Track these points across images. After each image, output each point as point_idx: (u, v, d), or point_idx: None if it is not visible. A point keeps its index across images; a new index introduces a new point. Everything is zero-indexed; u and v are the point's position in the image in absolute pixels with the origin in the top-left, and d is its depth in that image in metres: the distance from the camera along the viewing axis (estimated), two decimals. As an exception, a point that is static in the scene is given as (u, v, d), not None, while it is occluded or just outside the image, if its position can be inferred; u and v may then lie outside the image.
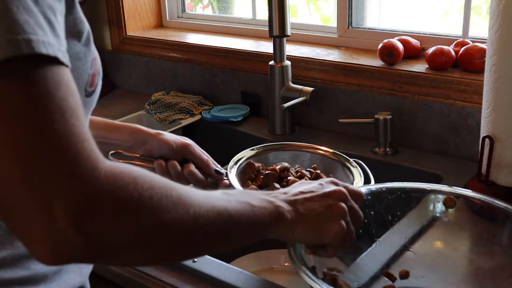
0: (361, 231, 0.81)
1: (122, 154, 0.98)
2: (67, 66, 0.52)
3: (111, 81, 1.85)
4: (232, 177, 1.00)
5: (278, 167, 1.04)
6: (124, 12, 1.76)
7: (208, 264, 0.88)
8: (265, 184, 1.00)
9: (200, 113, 1.52)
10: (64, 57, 0.52)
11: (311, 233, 0.69)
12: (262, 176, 1.01)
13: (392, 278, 0.82)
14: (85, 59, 0.65)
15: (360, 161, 1.06)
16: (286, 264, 1.12)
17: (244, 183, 1.02)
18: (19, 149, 0.48)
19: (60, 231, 0.48)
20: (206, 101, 1.58)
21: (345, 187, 0.74)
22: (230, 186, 0.99)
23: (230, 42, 1.61)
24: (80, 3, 1.92)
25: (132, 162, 0.98)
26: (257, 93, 1.52)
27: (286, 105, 1.30)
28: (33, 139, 0.48)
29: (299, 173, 1.03)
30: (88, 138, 0.51)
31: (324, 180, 0.75)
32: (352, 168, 1.03)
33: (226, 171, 1.02)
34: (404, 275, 0.83)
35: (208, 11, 1.92)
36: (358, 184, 0.98)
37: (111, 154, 0.98)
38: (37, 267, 0.68)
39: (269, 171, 1.00)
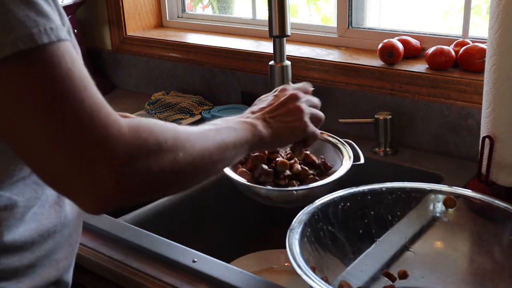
0: (361, 231, 0.81)
1: None
2: (69, 40, 0.57)
3: (111, 81, 1.85)
4: None
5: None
6: (124, 12, 1.76)
7: (208, 264, 0.88)
8: (254, 167, 1.01)
9: (200, 113, 1.52)
10: (63, 33, 0.56)
11: (285, 137, 0.84)
12: (250, 159, 1.02)
13: (392, 278, 0.82)
14: None
15: (350, 141, 1.09)
16: (286, 264, 1.12)
17: (235, 166, 1.03)
18: (49, 121, 0.53)
19: (102, 179, 0.54)
20: (206, 101, 1.58)
21: (295, 89, 0.89)
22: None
23: (230, 42, 1.61)
24: (80, 3, 1.91)
25: None
26: (257, 93, 1.51)
27: (286, 105, 1.30)
28: (62, 111, 0.53)
29: (289, 155, 1.04)
30: (104, 101, 0.57)
31: (277, 90, 0.91)
32: (341, 148, 1.08)
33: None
34: (402, 275, 0.83)
35: (208, 11, 1.92)
36: (347, 162, 1.03)
37: None
38: (7, 261, 0.69)
39: (257, 153, 1.02)
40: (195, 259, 0.89)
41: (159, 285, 0.87)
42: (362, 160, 1.03)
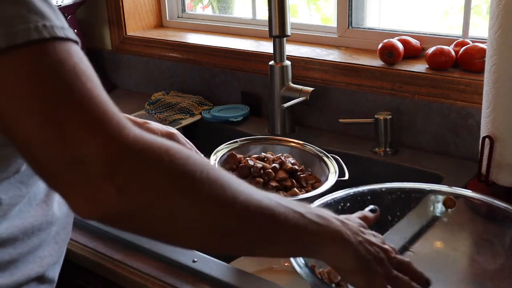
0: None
1: None
2: (76, 42, 0.56)
3: (111, 81, 1.85)
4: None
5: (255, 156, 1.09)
6: (124, 12, 1.76)
7: (208, 264, 0.88)
8: (241, 177, 1.03)
9: (200, 113, 1.52)
10: (72, 35, 0.55)
11: (354, 273, 0.65)
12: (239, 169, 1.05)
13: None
14: None
15: (337, 156, 1.10)
16: (286, 264, 1.12)
17: None
18: (46, 112, 0.51)
19: (93, 180, 0.51)
20: (206, 101, 1.58)
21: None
22: None
23: (230, 42, 1.61)
24: (80, 3, 1.91)
25: None
26: (257, 93, 1.52)
27: (286, 105, 1.30)
28: (59, 103, 0.51)
29: (279, 160, 1.06)
30: (110, 100, 0.54)
31: (371, 232, 0.71)
32: (328, 162, 1.08)
33: (208, 160, 1.04)
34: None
35: (208, 11, 1.92)
36: (332, 177, 1.03)
37: None
38: None
39: (243, 164, 1.04)
40: (195, 259, 0.89)
41: (159, 285, 0.87)
42: (346, 176, 1.05)
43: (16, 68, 0.51)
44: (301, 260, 0.71)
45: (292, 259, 0.70)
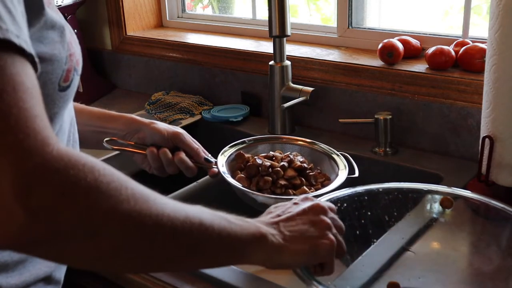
0: (358, 232, 0.81)
1: (116, 141, 1.02)
2: (26, 50, 0.52)
3: (111, 81, 1.85)
4: (221, 165, 1.03)
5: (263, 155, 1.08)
6: (124, 12, 1.76)
7: (207, 264, 0.88)
8: (249, 176, 1.02)
9: (200, 113, 1.52)
10: (21, 41, 0.51)
11: (304, 255, 0.66)
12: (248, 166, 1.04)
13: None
14: (59, 56, 0.66)
15: (346, 154, 1.09)
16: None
17: (233, 172, 1.03)
18: None
19: (6, 205, 0.45)
20: (206, 101, 1.58)
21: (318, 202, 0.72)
22: (218, 174, 1.02)
23: (230, 42, 1.61)
24: (80, 3, 1.91)
25: (126, 148, 1.02)
26: (257, 93, 1.52)
27: (286, 105, 1.30)
28: None
29: (288, 159, 1.05)
30: (41, 115, 0.49)
31: (298, 198, 0.74)
32: (337, 160, 1.07)
33: (215, 160, 1.05)
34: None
35: (208, 11, 1.92)
36: (343, 174, 1.02)
37: (106, 140, 1.01)
38: None
39: (251, 163, 1.03)
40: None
41: (159, 285, 0.87)
42: (356, 173, 1.04)
43: None
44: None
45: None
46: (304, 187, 1.01)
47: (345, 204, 0.86)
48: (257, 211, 1.02)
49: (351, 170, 1.05)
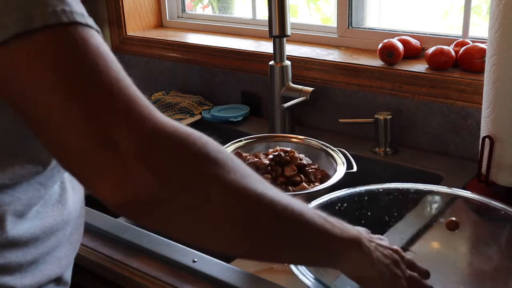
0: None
1: None
2: (97, 30, 0.55)
3: (111, 81, 1.84)
4: None
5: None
6: (124, 12, 1.76)
7: (208, 264, 0.88)
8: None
9: (200, 113, 1.52)
10: (92, 23, 0.54)
11: (380, 280, 0.64)
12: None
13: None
14: None
15: (343, 150, 1.09)
16: (286, 264, 1.12)
17: None
18: (73, 92, 0.49)
19: (125, 162, 0.48)
20: (206, 101, 1.58)
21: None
22: None
23: (230, 42, 1.61)
24: (81, 3, 1.91)
25: None
26: (257, 93, 1.52)
27: (286, 105, 1.30)
28: (86, 83, 0.50)
29: (287, 156, 1.05)
30: (137, 88, 0.54)
31: (400, 255, 0.69)
32: (335, 156, 1.08)
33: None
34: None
35: (208, 11, 1.92)
36: (341, 169, 1.02)
37: None
38: (12, 256, 0.69)
39: (249, 162, 1.03)
40: (195, 259, 0.89)
41: (159, 285, 0.87)
42: (355, 168, 1.04)
43: (37, 50, 0.50)
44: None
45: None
46: (304, 183, 1.01)
47: (345, 204, 0.86)
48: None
49: (349, 166, 1.05)
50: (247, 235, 0.54)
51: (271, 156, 1.04)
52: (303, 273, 0.69)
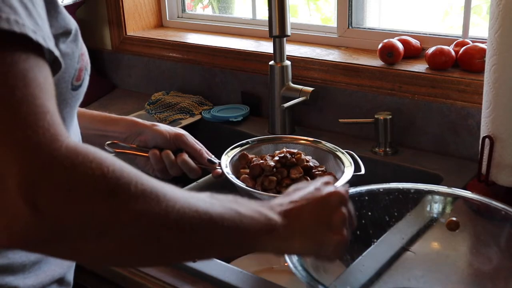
0: (358, 232, 0.81)
1: (118, 145, 1.01)
2: (43, 46, 0.52)
3: (111, 81, 1.85)
4: (225, 166, 1.03)
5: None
6: (124, 12, 1.76)
7: (208, 264, 0.88)
8: (253, 176, 1.02)
9: (200, 113, 1.52)
10: (37, 37, 0.51)
11: (311, 247, 0.65)
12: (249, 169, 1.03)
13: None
14: (72, 55, 0.67)
15: (352, 152, 1.07)
16: (286, 264, 1.12)
17: (238, 173, 1.04)
18: None
19: (12, 204, 0.45)
20: (206, 101, 1.58)
21: (341, 188, 0.69)
22: (222, 175, 1.02)
23: (230, 42, 1.61)
24: (80, 3, 1.91)
25: (128, 151, 1.02)
26: (257, 93, 1.52)
27: (286, 105, 1.30)
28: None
29: (294, 158, 1.04)
30: (53, 111, 0.49)
31: (319, 181, 0.70)
32: (342, 158, 1.06)
33: (219, 160, 1.05)
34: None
35: (208, 11, 1.92)
36: (349, 171, 1.01)
37: (107, 144, 1.01)
38: (15, 256, 0.69)
39: (255, 163, 1.02)
40: (195, 259, 0.89)
41: (159, 285, 0.87)
42: (363, 171, 1.02)
43: None
44: (299, 260, 0.71)
45: (288, 260, 0.70)
46: None
47: (345, 204, 0.86)
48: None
49: (356, 168, 1.03)
50: (156, 255, 0.54)
51: (277, 158, 1.03)
52: (302, 273, 0.69)
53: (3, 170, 0.45)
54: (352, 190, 0.87)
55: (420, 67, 1.28)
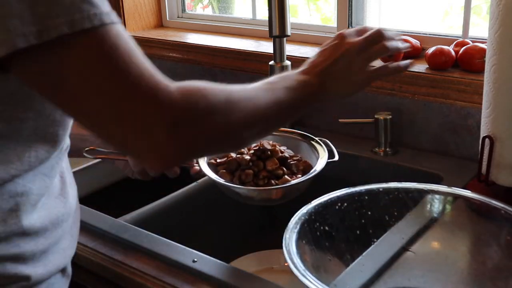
0: (358, 231, 0.81)
1: (96, 150, 1.01)
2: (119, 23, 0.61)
3: (111, 81, 1.84)
4: (203, 164, 1.03)
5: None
6: (124, 12, 1.76)
7: (208, 264, 0.88)
8: (231, 170, 1.03)
9: (200, 113, 1.52)
10: (115, 18, 0.60)
11: (346, 90, 0.85)
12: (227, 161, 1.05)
13: None
14: None
15: (325, 139, 1.10)
16: (286, 264, 1.12)
17: (216, 167, 1.05)
18: (112, 91, 0.57)
19: (161, 142, 0.59)
20: (206, 101, 1.58)
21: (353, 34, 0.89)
22: (200, 171, 1.03)
23: (230, 42, 1.61)
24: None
25: (107, 156, 1.02)
26: (257, 93, 1.52)
27: (286, 105, 1.30)
28: (119, 82, 0.58)
29: (268, 150, 1.05)
30: (153, 67, 0.62)
31: (334, 40, 0.88)
32: (316, 146, 1.08)
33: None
34: None
35: (208, 11, 1.92)
36: (323, 159, 1.03)
37: (86, 151, 1.01)
38: (26, 246, 0.72)
39: (231, 158, 1.04)
40: (195, 259, 0.89)
41: (159, 285, 0.87)
42: (336, 157, 1.04)
43: (77, 53, 0.56)
44: (298, 260, 0.71)
45: (288, 260, 0.71)
46: (286, 176, 1.01)
47: (345, 204, 0.86)
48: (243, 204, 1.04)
49: (331, 155, 1.05)
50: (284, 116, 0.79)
51: (252, 151, 1.04)
52: (302, 273, 0.69)
53: (147, 121, 0.58)
54: (352, 189, 0.88)
55: (420, 67, 1.28)
